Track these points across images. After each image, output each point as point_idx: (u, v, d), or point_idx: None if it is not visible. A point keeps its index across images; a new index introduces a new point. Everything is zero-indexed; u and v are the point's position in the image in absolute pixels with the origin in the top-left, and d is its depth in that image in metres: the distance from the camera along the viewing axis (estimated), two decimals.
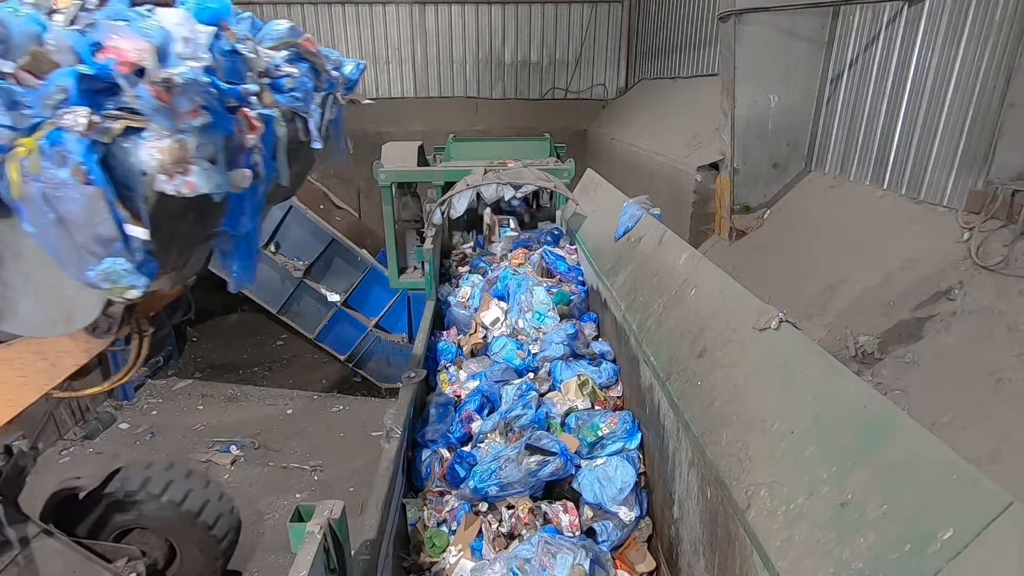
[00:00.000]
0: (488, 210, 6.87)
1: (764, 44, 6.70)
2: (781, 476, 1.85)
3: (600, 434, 3.30)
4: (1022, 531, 1.20)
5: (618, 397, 3.82)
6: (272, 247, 8.53)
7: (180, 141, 1.55)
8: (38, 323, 1.77)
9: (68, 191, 1.47)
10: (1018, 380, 3.62)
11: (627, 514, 2.91)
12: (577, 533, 2.86)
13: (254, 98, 1.89)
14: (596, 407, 3.65)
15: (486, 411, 3.69)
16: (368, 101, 2.39)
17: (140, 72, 1.51)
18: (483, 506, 2.97)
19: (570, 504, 3.00)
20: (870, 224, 5.65)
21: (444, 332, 4.98)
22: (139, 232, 1.55)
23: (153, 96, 1.49)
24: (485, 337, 4.73)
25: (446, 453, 3.36)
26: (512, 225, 6.91)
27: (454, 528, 2.95)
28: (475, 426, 3.59)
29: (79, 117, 1.46)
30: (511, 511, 2.93)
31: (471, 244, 6.94)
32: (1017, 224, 4.29)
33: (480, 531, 2.86)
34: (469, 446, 3.46)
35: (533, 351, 4.33)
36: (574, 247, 5.79)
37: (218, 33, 1.75)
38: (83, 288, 1.66)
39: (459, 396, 3.93)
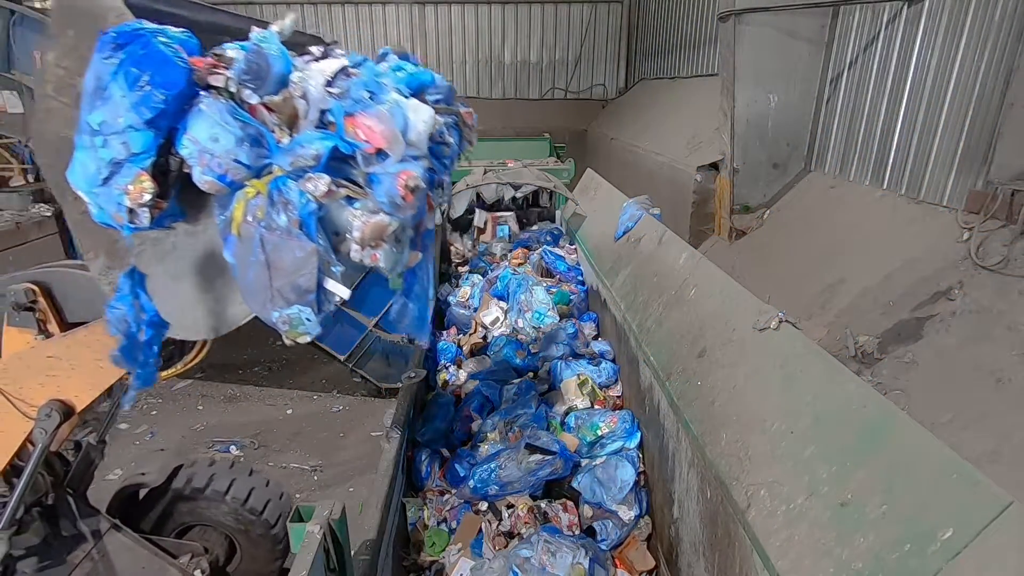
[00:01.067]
0: (477, 211, 6.90)
1: (764, 44, 6.70)
2: (781, 476, 1.85)
3: (600, 433, 3.31)
4: (1022, 531, 1.20)
5: (618, 397, 3.82)
6: None
7: (387, 221, 1.60)
8: (181, 325, 1.78)
9: (285, 240, 1.51)
10: (1018, 380, 3.62)
11: (626, 513, 2.91)
12: (577, 532, 2.86)
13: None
14: (596, 406, 3.65)
15: (486, 411, 3.69)
16: None
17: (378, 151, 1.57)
18: (483, 505, 2.97)
19: (569, 503, 3.00)
20: (870, 224, 5.65)
21: (444, 332, 4.98)
22: (342, 292, 1.60)
23: (400, 195, 1.55)
24: (485, 337, 4.73)
25: (446, 453, 3.36)
26: (510, 224, 6.92)
27: (454, 527, 2.95)
28: (475, 426, 3.59)
29: (320, 184, 1.51)
30: (511, 510, 2.93)
31: (468, 245, 6.96)
32: (1017, 224, 4.29)
33: (480, 530, 2.86)
34: (469, 446, 3.46)
35: (533, 351, 4.34)
36: (574, 247, 5.79)
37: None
38: (234, 304, 1.71)
39: (459, 396, 3.93)
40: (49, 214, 7.42)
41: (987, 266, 4.30)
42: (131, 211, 1.49)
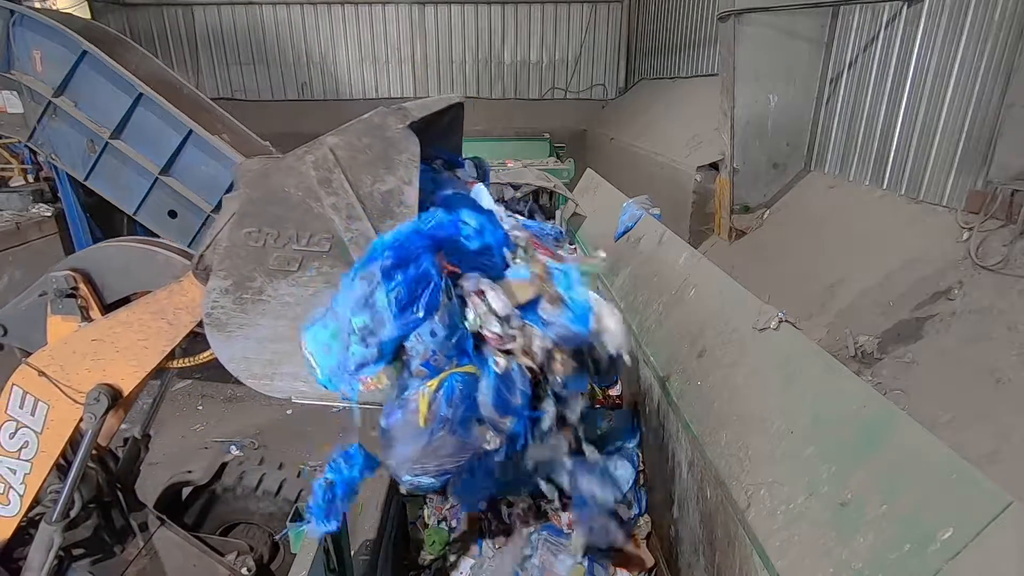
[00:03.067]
0: None
1: (764, 44, 6.70)
2: (781, 476, 1.85)
3: (599, 432, 3.30)
4: (1022, 531, 1.20)
5: (617, 396, 3.82)
6: None
7: None
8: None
9: (449, 436, 1.61)
10: (1018, 380, 3.62)
11: (626, 512, 2.91)
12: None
13: None
14: (595, 406, 3.64)
15: None
16: None
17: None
18: (483, 504, 2.97)
19: (569, 502, 3.00)
20: (870, 224, 5.65)
21: None
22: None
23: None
24: None
25: None
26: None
27: (454, 526, 2.95)
28: None
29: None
30: (510, 509, 2.93)
31: None
32: (1016, 224, 4.29)
33: (480, 529, 2.86)
34: None
35: None
36: (574, 247, 5.79)
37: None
38: None
39: None
40: (49, 214, 7.41)
41: (987, 266, 4.30)
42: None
